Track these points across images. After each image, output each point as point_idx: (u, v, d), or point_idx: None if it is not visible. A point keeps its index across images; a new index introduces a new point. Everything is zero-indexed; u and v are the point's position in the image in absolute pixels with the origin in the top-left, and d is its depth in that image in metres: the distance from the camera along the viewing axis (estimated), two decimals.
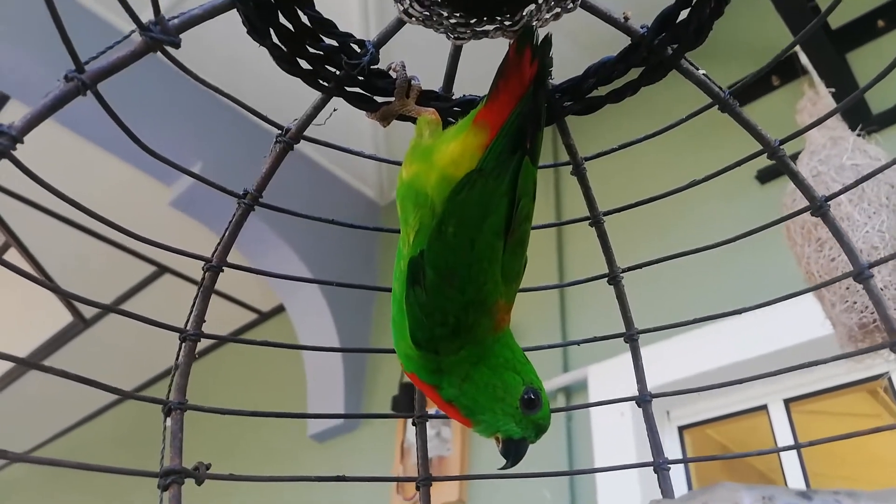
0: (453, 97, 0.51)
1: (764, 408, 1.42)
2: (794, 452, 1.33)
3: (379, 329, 2.25)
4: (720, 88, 0.48)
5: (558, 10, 0.44)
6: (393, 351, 0.52)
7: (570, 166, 0.55)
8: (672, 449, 1.50)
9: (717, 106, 0.49)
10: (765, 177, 1.49)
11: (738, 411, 1.44)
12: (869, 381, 1.29)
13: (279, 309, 2.70)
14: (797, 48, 1.39)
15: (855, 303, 0.82)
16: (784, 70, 1.50)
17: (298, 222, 2.03)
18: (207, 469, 0.42)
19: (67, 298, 2.62)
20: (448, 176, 0.42)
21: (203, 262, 0.50)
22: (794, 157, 1.21)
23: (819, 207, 0.47)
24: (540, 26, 0.45)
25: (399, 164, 0.48)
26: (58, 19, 0.33)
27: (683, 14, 0.45)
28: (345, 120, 0.57)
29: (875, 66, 1.44)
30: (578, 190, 0.53)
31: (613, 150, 0.54)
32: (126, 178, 2.05)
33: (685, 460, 0.55)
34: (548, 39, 0.43)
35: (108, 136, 1.82)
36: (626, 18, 0.46)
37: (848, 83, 1.36)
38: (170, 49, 0.39)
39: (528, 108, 0.42)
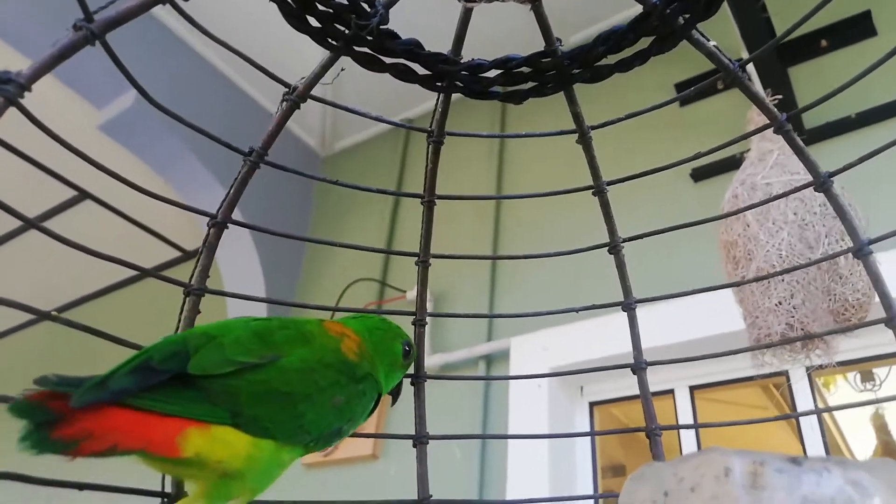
0: (461, 61, 0.51)
1: (671, 392, 1.51)
2: (692, 434, 1.43)
3: (308, 281, 2.23)
4: (730, 60, 0.48)
5: None
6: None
7: (576, 135, 0.55)
8: (582, 422, 1.57)
9: (725, 78, 0.49)
10: (699, 175, 1.56)
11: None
12: (769, 377, 1.40)
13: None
14: (744, 54, 1.46)
15: (779, 303, 0.88)
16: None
17: (233, 162, 1.96)
18: None
19: None
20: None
21: (208, 219, 0.49)
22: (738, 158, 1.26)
23: (822, 183, 0.48)
24: None
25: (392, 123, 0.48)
26: None
27: None
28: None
29: (814, 83, 1.53)
30: (522, 164, 0.54)
31: (620, 119, 0.54)
32: (55, 95, 1.93)
33: (677, 427, 0.58)
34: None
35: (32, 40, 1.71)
36: None
37: (787, 95, 1.44)
38: (179, 1, 0.38)
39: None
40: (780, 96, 1.02)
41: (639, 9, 0.46)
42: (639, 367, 0.55)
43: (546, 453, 1.43)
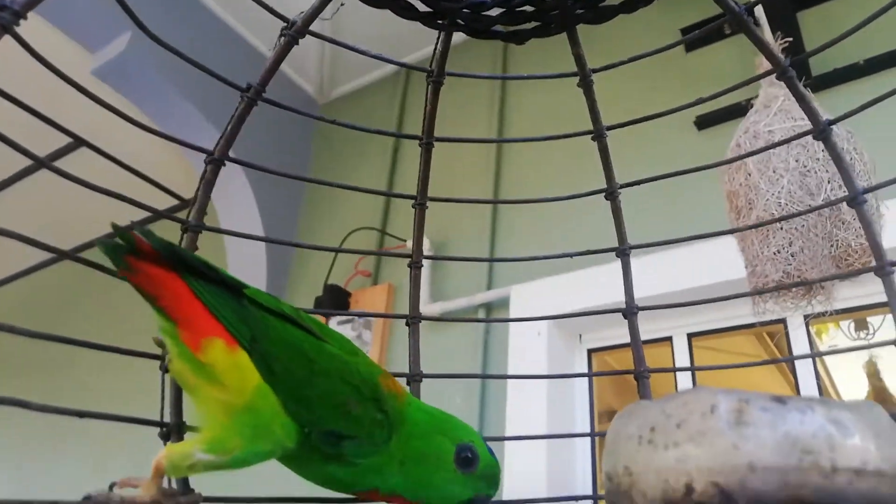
0: None
1: (668, 339, 1.53)
2: (689, 381, 1.45)
3: (306, 231, 2.23)
4: (735, 3, 0.47)
5: None
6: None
7: (577, 77, 0.54)
8: (580, 369, 1.60)
9: (731, 21, 0.48)
10: (703, 123, 1.55)
11: (645, 340, 1.54)
12: (767, 325, 1.41)
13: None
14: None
15: (778, 251, 0.88)
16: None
17: (227, 105, 1.95)
18: None
19: None
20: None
21: (205, 156, 0.48)
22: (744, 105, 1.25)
23: (822, 131, 0.48)
24: None
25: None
26: None
27: None
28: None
29: (823, 27, 1.50)
30: (524, 109, 0.53)
31: (623, 62, 0.53)
32: (48, 38, 1.89)
33: (666, 370, 0.59)
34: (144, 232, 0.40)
35: None
36: None
37: (796, 40, 1.41)
38: None
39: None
40: (790, 39, 1.00)
41: None
42: (630, 311, 0.55)
43: (545, 399, 1.46)
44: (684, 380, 1.44)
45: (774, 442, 0.29)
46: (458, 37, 0.52)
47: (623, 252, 0.57)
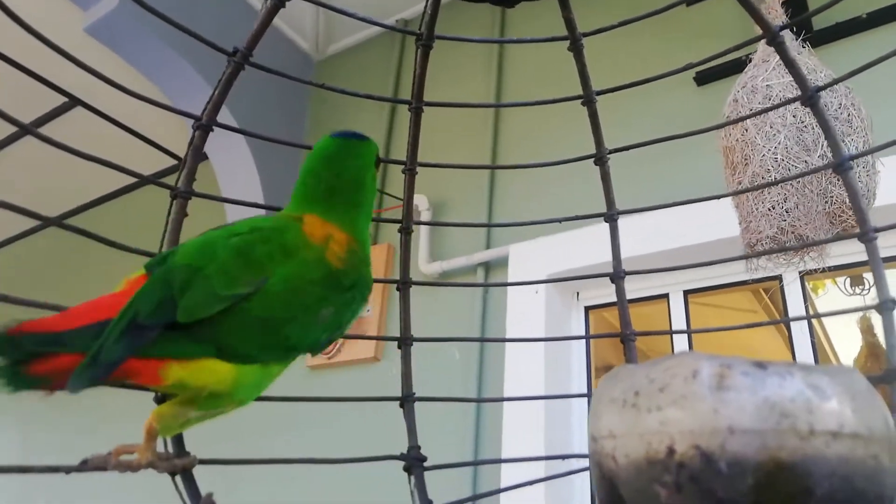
0: None
1: (665, 296, 1.54)
2: (685, 338, 1.46)
3: None
4: None
5: None
6: None
7: (568, 41, 0.54)
8: (577, 326, 1.61)
9: None
10: (702, 79, 1.53)
11: (642, 297, 1.55)
12: (762, 281, 1.41)
13: (201, 157, 2.60)
14: None
15: (772, 207, 0.88)
16: None
17: (218, 58, 1.92)
18: None
19: None
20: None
21: (193, 121, 0.48)
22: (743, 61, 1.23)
23: (809, 98, 0.48)
24: None
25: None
26: None
27: None
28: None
29: None
30: (521, 73, 0.52)
31: (613, 26, 0.53)
32: None
33: (643, 333, 0.59)
34: None
35: None
36: None
37: None
38: None
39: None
40: None
41: None
42: (617, 276, 0.56)
43: (542, 354, 1.48)
44: (682, 340, 1.46)
45: (754, 406, 0.30)
46: None
47: (611, 217, 0.57)
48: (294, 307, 0.41)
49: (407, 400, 0.53)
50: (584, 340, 1.59)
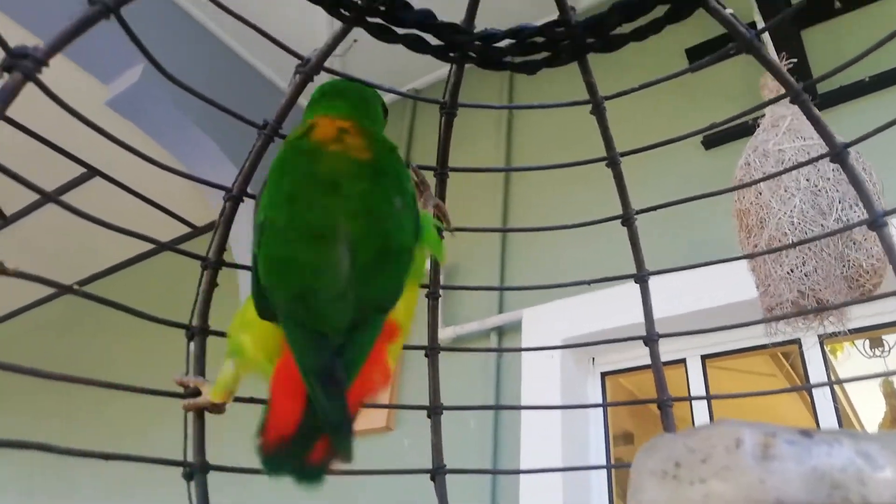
0: (475, 31, 0.51)
1: (682, 361, 1.52)
2: (704, 404, 1.44)
3: None
4: (746, 29, 0.47)
5: None
6: None
7: (590, 105, 0.54)
8: (594, 392, 1.58)
9: (741, 47, 0.48)
10: (710, 143, 1.55)
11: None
12: (780, 345, 1.40)
13: (214, 224, 2.64)
14: (757, 18, 1.43)
15: (791, 271, 0.88)
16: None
17: (240, 135, 1.97)
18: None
19: None
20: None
21: (224, 192, 0.49)
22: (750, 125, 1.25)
23: (838, 154, 0.48)
24: None
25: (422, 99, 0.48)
26: None
27: None
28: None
29: (827, 45, 1.51)
30: (530, 137, 0.53)
31: (634, 89, 0.53)
32: (61, 71, 1.93)
33: (681, 399, 0.58)
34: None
35: (43, 22, 1.71)
36: None
37: (800, 58, 1.42)
38: None
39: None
40: (794, 60, 1.00)
41: None
42: (651, 339, 0.55)
43: (559, 423, 1.45)
44: (700, 404, 1.43)
45: (802, 477, 0.29)
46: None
47: (642, 278, 0.57)
48: (380, 213, 0.41)
49: (438, 472, 0.52)
50: (602, 407, 1.56)
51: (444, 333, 1.69)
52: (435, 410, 0.54)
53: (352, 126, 0.45)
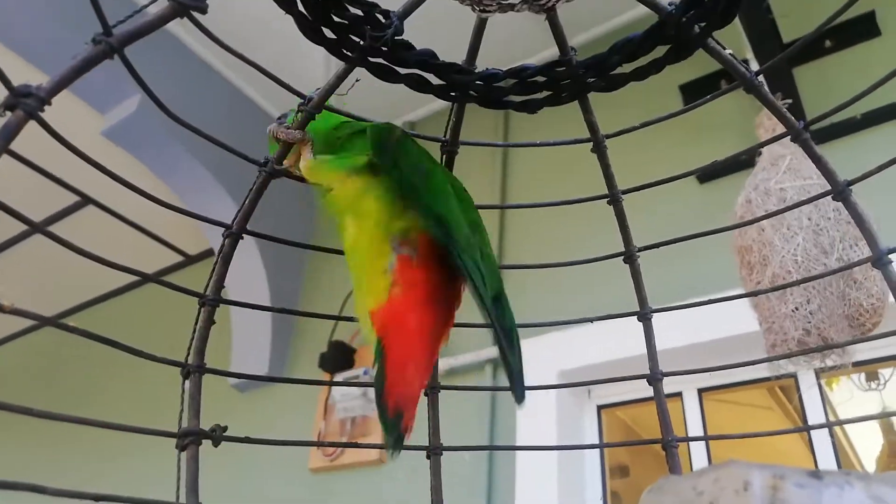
0: (476, 70, 0.51)
1: (679, 395, 1.51)
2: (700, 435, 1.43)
3: (311, 285, 2.23)
4: (746, 68, 0.47)
5: None
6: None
7: (591, 143, 0.54)
8: (590, 425, 1.57)
9: (743, 87, 0.48)
10: (704, 177, 1.56)
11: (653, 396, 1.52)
12: (777, 378, 1.40)
13: (207, 253, 2.64)
14: (750, 57, 1.46)
15: (796, 309, 0.88)
16: (733, 78, 1.57)
17: (236, 167, 1.98)
18: (224, 431, 0.43)
19: None
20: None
21: (223, 229, 0.49)
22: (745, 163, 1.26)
23: (841, 192, 0.47)
24: (567, 0, 0.44)
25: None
26: None
27: None
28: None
29: (819, 83, 1.54)
30: (525, 171, 0.53)
31: (635, 128, 0.54)
32: (57, 100, 1.93)
33: (687, 439, 0.58)
34: None
35: (42, 53, 1.72)
36: None
37: (793, 96, 1.44)
38: (196, 15, 0.39)
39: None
40: (789, 101, 1.02)
41: (646, 8, 0.46)
42: (654, 378, 0.54)
43: (555, 455, 1.44)
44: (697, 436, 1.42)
45: None
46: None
47: (645, 316, 0.57)
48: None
49: None
50: (598, 440, 1.55)
51: (439, 365, 1.68)
52: (434, 451, 0.53)
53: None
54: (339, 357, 1.85)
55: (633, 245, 0.57)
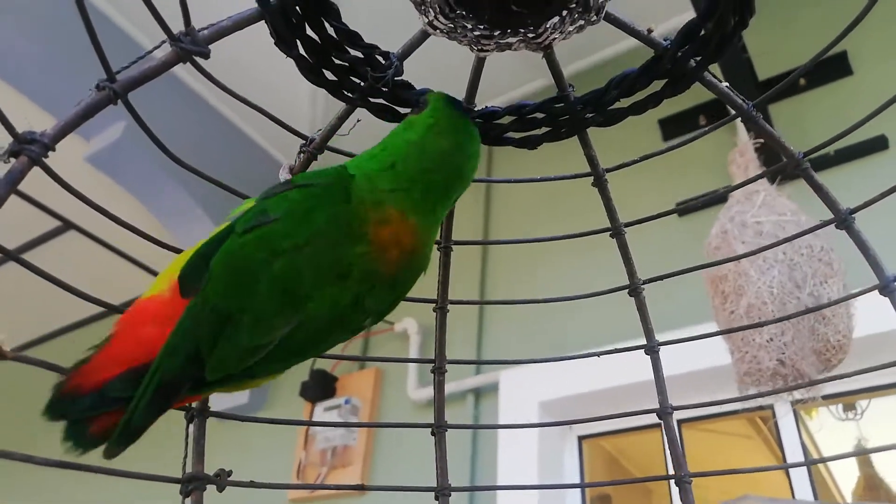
0: (475, 108, 0.51)
1: (658, 426, 1.52)
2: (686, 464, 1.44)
3: None
4: (743, 100, 0.48)
5: (581, 22, 0.43)
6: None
7: (591, 178, 0.55)
8: (571, 454, 1.57)
9: (739, 118, 0.49)
10: (683, 211, 1.59)
11: (636, 427, 1.54)
12: (755, 410, 1.41)
13: None
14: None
15: (770, 339, 0.90)
16: (711, 113, 1.61)
17: (220, 195, 1.97)
18: (229, 476, 0.43)
19: None
20: None
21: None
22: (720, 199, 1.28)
23: (843, 220, 0.48)
24: (563, 39, 0.44)
25: None
26: (92, 32, 0.33)
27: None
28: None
29: (793, 120, 1.58)
30: (509, 205, 0.53)
31: (635, 161, 0.54)
32: (41, 125, 1.92)
33: (701, 474, 0.57)
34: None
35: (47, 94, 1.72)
36: (650, 31, 0.45)
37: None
38: (199, 60, 0.39)
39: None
40: (761, 140, 1.06)
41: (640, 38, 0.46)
42: (665, 412, 0.54)
43: (536, 482, 1.43)
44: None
45: None
46: None
47: (652, 349, 0.57)
48: (333, 331, 0.41)
49: None
50: (579, 469, 1.55)
51: (420, 394, 1.68)
52: (443, 492, 0.52)
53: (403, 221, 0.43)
54: (320, 386, 1.84)
55: (637, 278, 0.57)
